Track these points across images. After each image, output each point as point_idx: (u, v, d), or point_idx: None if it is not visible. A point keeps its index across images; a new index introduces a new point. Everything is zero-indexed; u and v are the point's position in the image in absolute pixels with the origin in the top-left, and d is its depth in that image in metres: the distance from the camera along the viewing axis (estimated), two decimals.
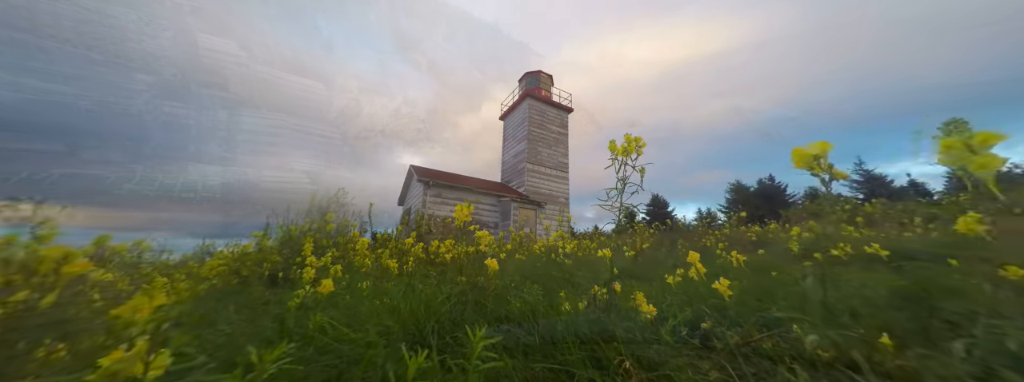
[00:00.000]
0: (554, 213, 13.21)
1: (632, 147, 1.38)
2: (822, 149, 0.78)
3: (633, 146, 1.38)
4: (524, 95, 14.21)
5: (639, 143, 1.39)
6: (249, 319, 1.43)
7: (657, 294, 1.92)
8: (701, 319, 1.45)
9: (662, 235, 7.20)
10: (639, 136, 1.39)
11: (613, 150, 1.41)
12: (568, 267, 2.84)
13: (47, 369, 0.84)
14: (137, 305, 0.55)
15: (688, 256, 1.61)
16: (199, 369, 0.71)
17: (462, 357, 0.96)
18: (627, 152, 1.39)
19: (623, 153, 1.39)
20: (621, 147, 1.39)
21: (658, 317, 1.41)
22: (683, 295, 1.76)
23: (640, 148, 1.39)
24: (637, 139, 1.39)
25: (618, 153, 1.40)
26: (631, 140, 1.39)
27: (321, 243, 2.93)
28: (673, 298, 1.63)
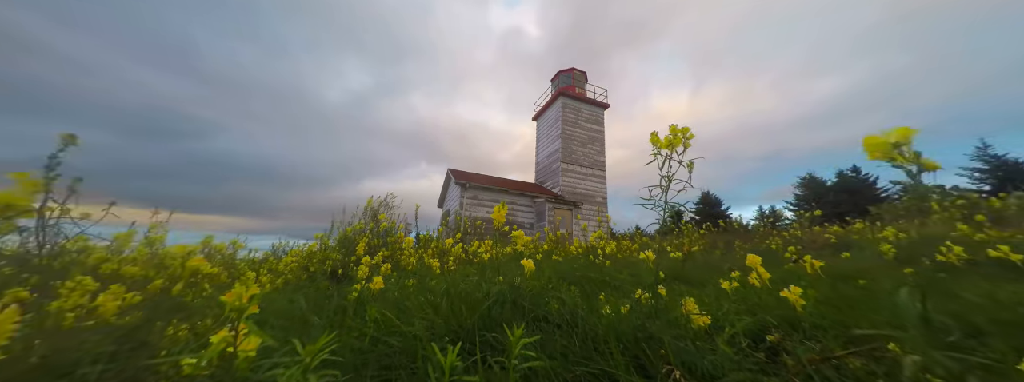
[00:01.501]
0: (591, 213, 12.79)
1: (678, 139, 1.26)
2: (904, 136, 0.65)
3: (679, 138, 1.26)
4: (557, 94, 14.01)
5: (686, 134, 1.27)
6: (316, 309, 1.62)
7: (710, 301, 1.76)
8: (765, 330, 1.29)
9: (715, 236, 6.56)
10: (686, 127, 1.28)
11: (655, 143, 1.31)
12: (607, 269, 2.73)
13: (174, 344, 1.04)
14: (237, 293, 0.66)
15: (747, 260, 1.45)
16: (278, 351, 0.83)
17: (501, 355, 0.99)
18: (672, 145, 1.27)
19: (667, 146, 1.28)
20: (665, 139, 1.28)
21: (712, 326, 1.29)
22: (742, 303, 1.59)
23: (687, 140, 1.27)
24: (684, 130, 1.27)
25: (661, 146, 1.29)
26: (677, 132, 1.27)
27: (372, 243, 3.22)
28: (730, 306, 1.48)
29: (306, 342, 0.69)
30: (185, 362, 0.64)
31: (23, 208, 0.79)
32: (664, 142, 1.28)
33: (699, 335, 1.22)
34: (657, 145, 1.30)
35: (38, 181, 0.86)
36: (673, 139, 1.27)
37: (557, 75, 15.36)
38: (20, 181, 0.84)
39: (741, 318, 1.35)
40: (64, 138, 0.92)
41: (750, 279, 1.47)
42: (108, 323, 0.94)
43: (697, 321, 1.23)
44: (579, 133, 13.77)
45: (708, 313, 1.26)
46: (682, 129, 1.28)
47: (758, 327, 1.31)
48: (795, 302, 1.23)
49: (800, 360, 0.96)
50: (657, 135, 1.31)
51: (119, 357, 0.87)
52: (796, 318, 1.25)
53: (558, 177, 12.80)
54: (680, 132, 1.28)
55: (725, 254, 4.47)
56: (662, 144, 1.29)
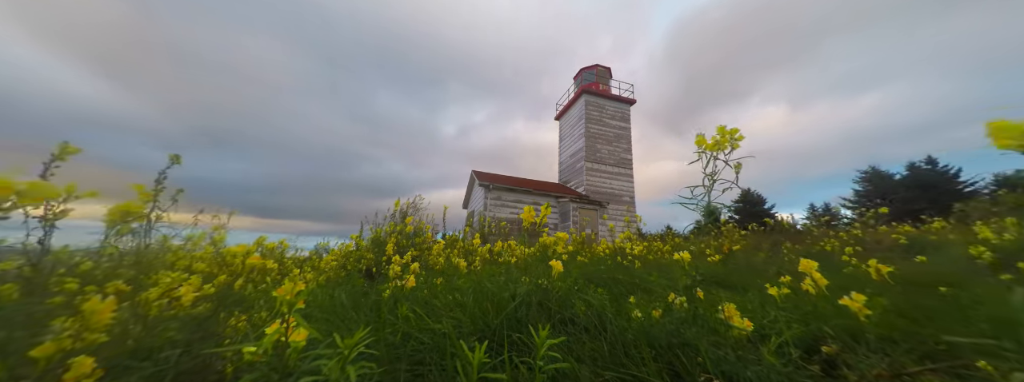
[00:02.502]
0: (619, 213, 12.36)
1: (726, 140, 1.22)
2: None
3: (726, 139, 1.22)
4: (580, 91, 13.74)
5: (734, 135, 1.22)
6: (354, 305, 1.73)
7: (754, 307, 1.62)
8: (820, 341, 1.17)
9: (758, 237, 6.04)
10: (735, 128, 1.22)
11: (701, 144, 1.26)
12: (637, 271, 2.62)
13: (237, 333, 1.17)
14: (287, 289, 0.73)
15: (799, 263, 1.32)
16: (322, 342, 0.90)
17: (528, 355, 0.99)
18: (719, 146, 1.22)
19: (714, 147, 1.23)
20: (712, 140, 1.24)
21: (756, 334, 1.19)
22: (793, 311, 1.45)
23: (735, 141, 1.22)
24: (733, 131, 1.22)
25: (707, 147, 1.25)
26: (725, 133, 1.22)
27: (402, 243, 3.37)
28: (777, 313, 1.36)
29: (345, 336, 0.74)
30: (246, 350, 0.71)
31: (138, 214, 0.94)
32: (711, 143, 1.24)
33: (741, 343, 1.13)
34: (703, 147, 1.27)
35: (149, 192, 1.02)
36: (720, 140, 1.23)
37: (580, 73, 15.06)
38: (138, 191, 0.99)
39: (791, 327, 1.23)
40: (171, 157, 1.08)
41: (802, 285, 1.34)
42: (184, 312, 1.08)
43: (739, 328, 1.15)
44: (604, 131, 13.39)
45: (751, 320, 1.16)
46: (731, 130, 1.23)
47: (811, 337, 1.19)
48: (858, 311, 1.10)
49: (864, 375, 0.85)
50: (703, 137, 1.28)
51: (192, 343, 1.00)
52: (858, 329, 1.12)
53: (582, 176, 12.53)
54: (728, 133, 1.22)
55: (771, 257, 4.10)
56: (709, 146, 1.25)
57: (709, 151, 1.25)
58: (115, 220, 0.99)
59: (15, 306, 1.04)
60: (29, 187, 0.67)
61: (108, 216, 0.97)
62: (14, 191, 0.65)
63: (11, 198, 0.65)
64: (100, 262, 1.35)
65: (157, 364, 0.88)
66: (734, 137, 1.22)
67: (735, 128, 1.23)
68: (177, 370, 0.89)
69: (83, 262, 1.55)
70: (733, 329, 1.15)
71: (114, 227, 1.03)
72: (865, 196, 18.16)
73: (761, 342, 1.14)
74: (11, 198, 0.65)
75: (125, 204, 0.97)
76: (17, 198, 0.66)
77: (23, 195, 0.67)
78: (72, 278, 1.17)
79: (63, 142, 0.80)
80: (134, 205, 0.99)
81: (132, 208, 0.99)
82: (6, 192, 0.65)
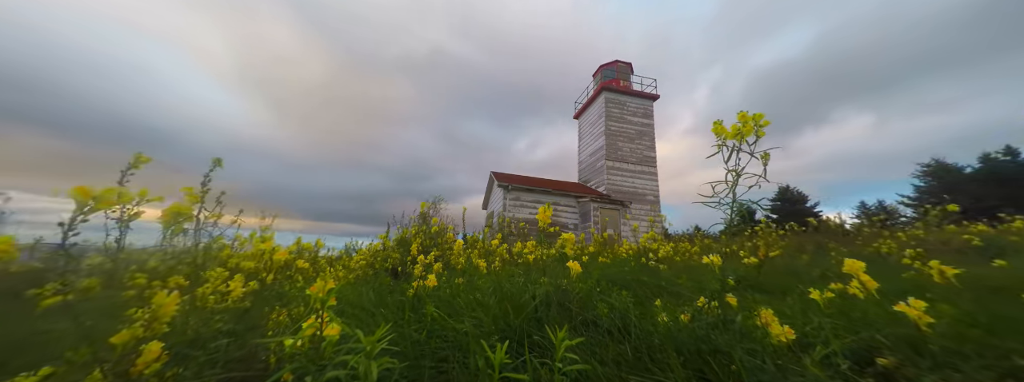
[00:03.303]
0: (642, 213, 11.93)
1: (749, 128, 1.10)
2: None
3: (750, 126, 1.10)
4: (599, 89, 13.44)
5: (758, 122, 1.10)
6: (380, 303, 1.81)
7: (794, 313, 1.51)
8: (875, 352, 1.07)
9: (800, 238, 5.58)
10: (759, 113, 1.11)
11: (720, 133, 1.15)
12: (663, 273, 2.52)
13: (278, 326, 1.26)
14: (319, 286, 0.78)
15: (845, 265, 1.21)
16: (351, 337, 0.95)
17: (549, 356, 0.98)
18: (742, 135, 1.11)
19: (735, 136, 1.12)
20: (733, 128, 1.12)
21: (798, 342, 1.10)
22: (841, 318, 1.33)
23: (760, 128, 1.10)
24: (756, 117, 1.10)
25: (727, 136, 1.13)
26: (747, 119, 1.11)
27: (425, 244, 3.48)
28: (821, 320, 1.25)
29: (370, 333, 0.78)
30: (286, 342, 0.77)
31: (188, 215, 1.05)
32: (731, 131, 1.12)
33: (780, 352, 1.05)
34: (722, 136, 1.15)
35: (197, 194, 1.13)
36: (743, 128, 1.11)
37: (599, 70, 14.74)
38: (186, 194, 1.11)
39: (838, 336, 1.13)
40: (214, 161, 1.21)
41: (850, 289, 1.23)
42: (233, 306, 1.18)
43: (777, 335, 1.07)
44: (625, 128, 13.00)
45: (792, 327, 1.08)
46: (755, 116, 1.11)
47: (863, 347, 1.08)
48: (917, 319, 0.99)
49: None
50: (722, 124, 1.16)
51: (239, 334, 1.09)
52: (920, 339, 1.01)
53: (603, 175, 12.23)
54: (751, 119, 1.10)
55: (814, 259, 3.78)
56: (729, 134, 1.13)
57: (730, 141, 1.14)
58: (169, 221, 1.10)
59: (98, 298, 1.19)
60: (104, 192, 0.77)
61: (163, 217, 1.09)
62: (91, 196, 0.75)
63: (89, 202, 0.75)
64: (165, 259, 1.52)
65: (210, 352, 0.97)
66: (759, 123, 1.09)
67: (760, 113, 1.11)
68: (227, 358, 0.98)
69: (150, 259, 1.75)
70: (771, 336, 1.08)
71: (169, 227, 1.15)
72: (927, 192, 16.15)
73: (803, 351, 1.06)
74: (89, 202, 0.75)
75: (176, 206, 1.07)
76: (95, 202, 0.76)
77: (99, 200, 0.77)
78: (141, 273, 1.32)
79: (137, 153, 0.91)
80: (184, 207, 1.10)
81: (182, 209, 1.10)
82: (85, 197, 0.75)
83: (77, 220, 0.72)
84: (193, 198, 1.09)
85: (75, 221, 0.71)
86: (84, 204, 0.74)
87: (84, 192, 0.74)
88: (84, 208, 0.74)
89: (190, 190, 1.09)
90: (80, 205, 0.72)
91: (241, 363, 1.01)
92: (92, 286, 1.28)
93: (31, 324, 1.10)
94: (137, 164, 0.89)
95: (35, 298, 0.83)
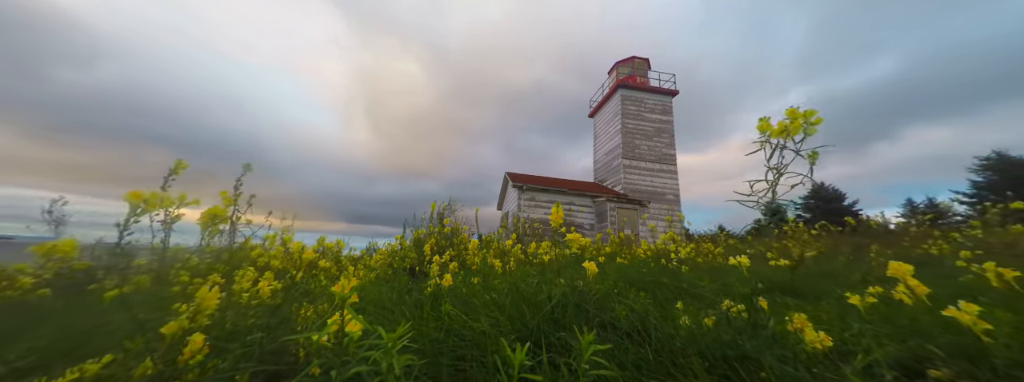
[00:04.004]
0: (661, 212, 11.57)
1: (797, 125, 1.02)
2: None
3: (798, 124, 1.02)
4: (615, 86, 13.17)
5: (809, 119, 1.01)
6: (399, 301, 1.86)
7: (830, 318, 1.41)
8: (924, 362, 0.98)
9: (836, 238, 5.22)
10: (812, 109, 1.02)
11: (764, 131, 1.08)
12: (685, 275, 2.43)
13: (306, 322, 1.33)
14: (342, 284, 0.81)
15: (889, 268, 1.12)
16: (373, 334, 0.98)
17: (567, 356, 0.97)
18: (788, 132, 1.03)
19: (781, 134, 1.04)
20: (779, 125, 1.04)
21: (835, 349, 1.04)
22: (884, 324, 1.23)
23: (812, 126, 1.01)
24: (807, 114, 1.02)
25: (772, 134, 1.06)
26: (796, 116, 1.02)
27: (441, 244, 3.54)
28: (862, 326, 1.17)
29: (390, 330, 0.80)
30: (314, 338, 0.81)
31: (223, 217, 1.13)
32: (777, 129, 1.05)
33: (815, 360, 0.99)
34: (767, 133, 1.08)
35: (230, 197, 1.22)
36: (791, 125, 1.03)
37: (614, 67, 14.44)
38: (222, 197, 1.20)
39: (882, 343, 1.05)
40: (244, 166, 1.30)
41: (894, 293, 1.13)
42: (266, 302, 1.26)
43: (813, 342, 1.00)
44: (642, 126, 12.66)
45: (829, 334, 1.01)
46: (806, 113, 1.02)
47: (911, 357, 1.00)
48: (973, 326, 0.90)
49: None
50: (768, 121, 1.08)
51: (272, 328, 1.16)
52: (979, 349, 0.91)
53: (620, 174, 11.97)
54: (802, 117, 1.02)
55: (853, 261, 3.52)
56: (774, 131, 1.06)
57: (775, 139, 1.07)
58: (206, 223, 1.19)
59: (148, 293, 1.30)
60: (151, 197, 0.84)
61: (201, 220, 1.17)
62: (142, 200, 0.83)
63: (140, 205, 0.82)
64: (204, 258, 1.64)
65: (246, 345, 1.04)
66: (809, 121, 1.01)
67: (812, 110, 1.02)
68: (261, 351, 1.04)
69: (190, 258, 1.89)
70: (805, 343, 1.01)
71: (207, 228, 1.24)
72: (987, 188, 14.58)
73: (842, 360, 0.99)
74: (140, 205, 0.82)
75: (213, 208, 1.16)
76: (144, 206, 0.83)
77: (149, 203, 0.84)
78: (184, 271, 1.43)
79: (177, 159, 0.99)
80: (219, 209, 1.19)
81: (218, 212, 1.18)
82: (137, 201, 0.82)
83: (130, 221, 0.79)
84: (227, 201, 1.18)
85: (129, 222, 0.79)
86: (136, 206, 0.81)
87: (136, 196, 0.81)
88: (136, 210, 0.82)
89: (224, 194, 1.18)
90: (133, 208, 0.80)
91: (273, 356, 1.08)
92: (143, 282, 1.40)
93: (95, 316, 1.22)
94: (177, 170, 0.97)
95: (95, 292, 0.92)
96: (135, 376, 0.82)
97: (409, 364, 0.79)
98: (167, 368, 0.84)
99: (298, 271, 1.40)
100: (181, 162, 1.00)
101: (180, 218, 1.03)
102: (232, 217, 1.20)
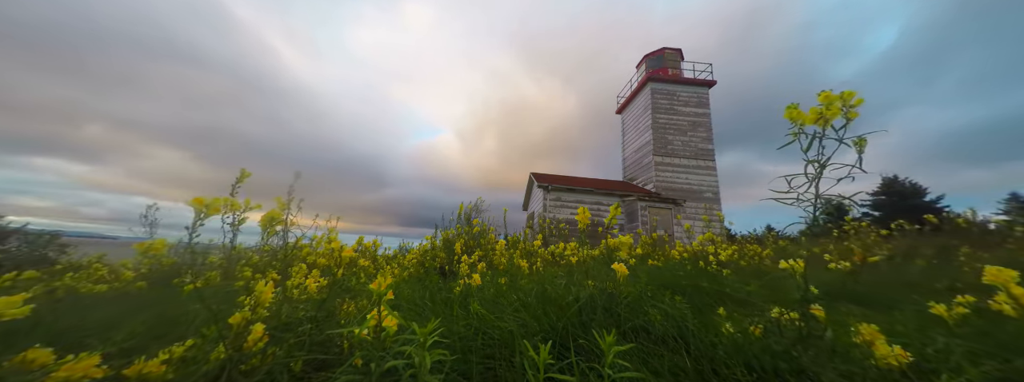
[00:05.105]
0: (698, 211, 10.83)
1: (835, 110, 0.90)
2: None
3: (836, 108, 0.90)
4: (644, 80, 12.60)
5: (848, 102, 0.89)
6: (430, 299, 1.94)
7: (907, 331, 1.24)
8: None
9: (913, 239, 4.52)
10: (849, 91, 0.90)
11: (796, 119, 0.96)
12: (726, 279, 2.26)
13: (348, 316, 1.44)
14: (380, 282, 0.87)
15: (985, 274, 0.96)
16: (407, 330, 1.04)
17: (595, 361, 0.95)
18: (825, 119, 0.91)
19: (817, 121, 0.92)
20: (812, 112, 0.93)
21: (914, 367, 0.90)
22: (979, 339, 1.05)
23: (851, 109, 0.89)
24: (845, 95, 0.90)
25: (805, 121, 0.94)
26: (832, 99, 0.91)
27: (469, 244, 3.63)
28: (949, 341, 1.01)
29: (422, 326, 0.84)
30: (356, 331, 0.87)
31: (280, 220, 1.26)
32: (811, 116, 0.93)
33: (888, 378, 0.87)
34: (800, 121, 0.96)
35: (285, 202, 1.37)
36: (827, 111, 0.90)
37: (643, 59, 13.82)
38: (278, 201, 1.34)
39: (977, 362, 0.90)
40: (296, 173, 1.44)
41: (993, 304, 0.96)
42: (314, 297, 1.38)
43: (885, 357, 0.88)
44: (675, 120, 11.96)
45: (906, 349, 0.89)
46: (842, 94, 0.91)
47: (1017, 379, 0.84)
48: None
49: None
50: (797, 108, 0.97)
51: (319, 321, 1.27)
52: None
53: (651, 172, 11.40)
54: (839, 99, 0.90)
55: (937, 266, 3.03)
56: (808, 119, 0.94)
57: (809, 127, 0.94)
58: (265, 225, 1.33)
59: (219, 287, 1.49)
60: (214, 201, 0.96)
61: (261, 222, 1.32)
62: (205, 205, 0.95)
63: (203, 210, 0.95)
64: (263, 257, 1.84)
65: (298, 335, 1.15)
66: (849, 103, 0.88)
67: (850, 91, 0.89)
68: (311, 341, 1.14)
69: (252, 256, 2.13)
70: (876, 358, 0.89)
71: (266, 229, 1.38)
72: None
73: (923, 380, 0.86)
74: (203, 210, 0.95)
75: (271, 212, 1.29)
76: (207, 209, 0.95)
77: (210, 207, 0.96)
78: (247, 268, 1.62)
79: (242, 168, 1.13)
80: (276, 213, 1.32)
81: (276, 215, 1.32)
82: (200, 205, 0.95)
83: (197, 224, 0.91)
84: (282, 205, 1.31)
85: (196, 225, 0.91)
86: (200, 211, 0.94)
87: (199, 202, 0.94)
88: (201, 214, 0.94)
89: (280, 199, 1.32)
90: (197, 212, 0.92)
91: (320, 346, 1.18)
92: (213, 277, 1.60)
93: (178, 306, 1.43)
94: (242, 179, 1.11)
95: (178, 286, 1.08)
96: (211, 359, 0.94)
97: (440, 359, 0.82)
98: (235, 353, 0.96)
99: (339, 269, 1.52)
100: (245, 171, 1.14)
101: (245, 220, 1.17)
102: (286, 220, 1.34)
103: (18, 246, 4.46)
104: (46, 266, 3.39)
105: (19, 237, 4.54)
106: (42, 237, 4.64)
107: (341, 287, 1.58)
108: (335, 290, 1.51)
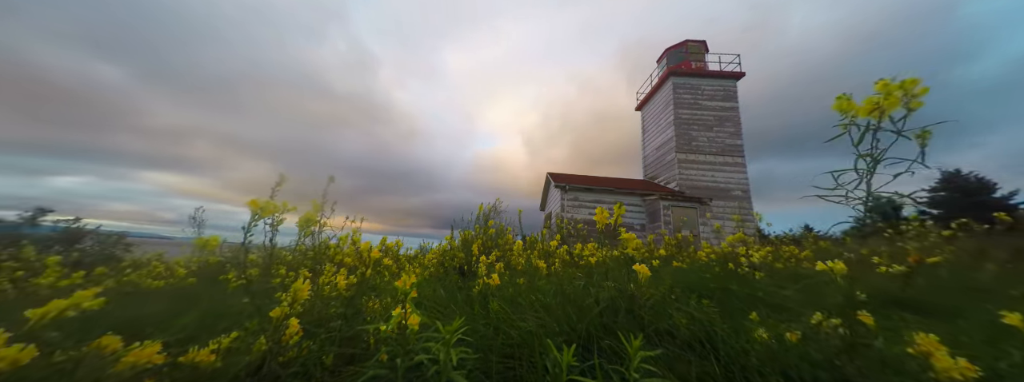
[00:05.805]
0: (727, 211, 10.28)
1: (894, 100, 0.82)
2: None
3: (896, 98, 0.81)
4: (665, 74, 12.16)
5: (910, 91, 0.80)
6: (450, 298, 1.98)
7: (973, 342, 1.12)
8: None
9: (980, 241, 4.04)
10: (913, 78, 0.81)
11: (846, 110, 0.88)
12: (759, 282, 2.13)
13: (372, 313, 1.50)
14: (404, 281, 0.90)
15: None
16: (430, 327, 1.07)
17: (618, 363, 0.93)
18: (882, 110, 0.83)
19: (872, 113, 0.84)
20: (867, 103, 0.85)
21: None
22: None
23: (914, 98, 0.80)
24: (906, 84, 0.80)
25: (858, 113, 0.86)
26: (891, 88, 0.82)
27: (487, 245, 3.67)
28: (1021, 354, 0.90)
29: (445, 325, 0.86)
30: (382, 328, 0.91)
31: (316, 221, 1.35)
32: (865, 107, 0.85)
33: None
34: (851, 112, 0.88)
35: (319, 204, 1.46)
36: (885, 101, 0.82)
37: (664, 54, 13.33)
38: (313, 204, 1.43)
39: None
40: (329, 178, 1.54)
41: None
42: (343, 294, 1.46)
43: (948, 370, 0.80)
44: (700, 115, 11.43)
45: (973, 362, 0.80)
46: (903, 82, 0.81)
47: None
48: None
49: None
50: (849, 98, 0.88)
51: (348, 317, 1.33)
52: None
53: (674, 170, 10.96)
54: (899, 88, 0.81)
55: (1010, 270, 2.69)
56: (861, 110, 0.86)
57: (863, 119, 0.86)
58: (302, 226, 1.42)
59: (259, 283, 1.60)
60: (253, 203, 1.04)
61: (299, 223, 1.40)
62: (259, 207, 1.03)
63: (258, 211, 1.02)
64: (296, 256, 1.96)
65: (329, 331, 1.22)
66: (911, 93, 0.79)
67: (914, 78, 0.80)
68: (341, 336, 1.20)
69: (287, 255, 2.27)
70: (936, 371, 0.81)
71: (302, 230, 1.47)
72: None
73: None
74: (258, 211, 1.02)
75: (307, 214, 1.38)
76: (260, 212, 1.03)
77: (265, 210, 1.04)
78: (282, 266, 1.73)
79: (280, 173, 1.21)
80: (312, 215, 1.41)
81: (311, 217, 1.40)
82: (255, 207, 1.02)
83: (252, 224, 0.99)
84: (316, 208, 1.40)
85: (251, 225, 0.99)
86: (255, 212, 1.02)
87: (255, 203, 1.02)
88: (255, 216, 1.02)
89: (315, 202, 1.41)
90: (253, 213, 1.00)
91: (350, 341, 1.24)
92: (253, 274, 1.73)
93: (224, 301, 1.55)
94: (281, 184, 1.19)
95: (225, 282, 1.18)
96: (254, 350, 1.02)
97: (463, 357, 0.84)
98: (275, 345, 1.03)
99: (366, 268, 1.59)
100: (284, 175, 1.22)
101: (283, 221, 1.26)
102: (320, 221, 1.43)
103: (91, 245, 5.05)
104: (114, 263, 3.81)
105: (92, 237, 5.14)
106: (111, 237, 5.23)
107: (367, 285, 1.65)
108: (362, 288, 1.58)
